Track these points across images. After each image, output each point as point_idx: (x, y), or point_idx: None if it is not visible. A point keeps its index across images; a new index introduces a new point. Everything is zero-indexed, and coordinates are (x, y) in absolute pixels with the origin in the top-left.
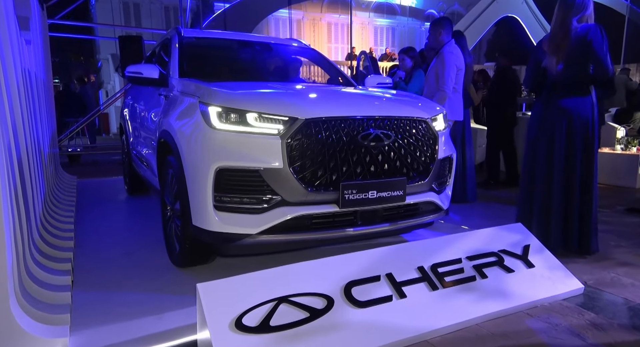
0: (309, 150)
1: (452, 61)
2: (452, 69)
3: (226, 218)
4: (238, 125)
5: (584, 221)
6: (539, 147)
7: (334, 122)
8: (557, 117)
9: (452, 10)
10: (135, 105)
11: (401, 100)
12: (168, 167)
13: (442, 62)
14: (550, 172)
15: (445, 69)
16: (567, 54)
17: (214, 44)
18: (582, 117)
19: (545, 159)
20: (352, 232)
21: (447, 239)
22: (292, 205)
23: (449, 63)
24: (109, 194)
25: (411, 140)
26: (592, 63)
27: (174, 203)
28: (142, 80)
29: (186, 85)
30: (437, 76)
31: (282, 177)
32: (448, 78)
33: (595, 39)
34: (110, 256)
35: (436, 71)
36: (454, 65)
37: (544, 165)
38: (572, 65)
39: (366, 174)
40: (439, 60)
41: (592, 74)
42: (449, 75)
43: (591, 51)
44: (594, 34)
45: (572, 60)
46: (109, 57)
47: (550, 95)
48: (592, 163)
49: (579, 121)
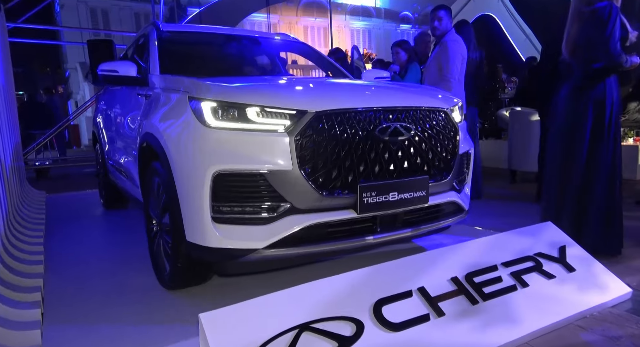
0: (322, 148)
1: (457, 50)
2: (458, 58)
3: (227, 231)
4: (237, 122)
5: (610, 217)
6: (559, 137)
7: (348, 115)
8: (573, 105)
9: (426, 12)
10: (109, 110)
11: (415, 89)
12: (153, 175)
13: (446, 51)
14: (569, 164)
15: (450, 58)
16: (576, 38)
17: (197, 39)
18: (597, 104)
19: (564, 150)
20: (372, 240)
21: (476, 244)
22: (304, 212)
23: (454, 52)
24: (83, 209)
25: (432, 133)
26: (597, 47)
27: (161, 216)
28: (118, 80)
29: (170, 80)
30: (440, 66)
31: (292, 180)
32: (453, 67)
33: (600, 20)
34: (87, 280)
35: (439, 61)
36: (459, 54)
37: (562, 157)
38: (580, 50)
39: (385, 173)
40: (441, 50)
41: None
42: (454, 64)
43: (599, 32)
44: (600, 13)
45: (580, 44)
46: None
47: (565, 82)
48: (614, 153)
49: (594, 109)
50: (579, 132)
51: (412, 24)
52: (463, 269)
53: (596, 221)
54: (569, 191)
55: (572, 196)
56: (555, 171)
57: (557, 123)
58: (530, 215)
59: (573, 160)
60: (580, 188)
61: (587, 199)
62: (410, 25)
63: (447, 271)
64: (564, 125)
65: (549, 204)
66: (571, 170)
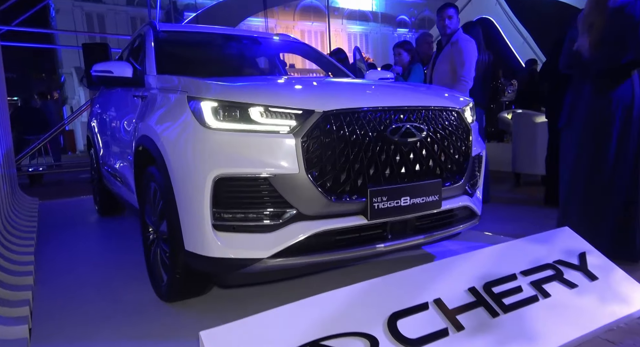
0: (330, 150)
1: (472, 50)
2: (473, 58)
3: (229, 240)
4: (239, 123)
5: (632, 221)
6: (581, 139)
7: (358, 115)
8: (592, 104)
9: (423, 16)
10: (104, 114)
11: (425, 89)
12: (149, 180)
13: (460, 50)
14: (594, 166)
15: (465, 58)
16: (602, 34)
17: (195, 39)
18: (622, 103)
19: (588, 152)
20: (382, 248)
21: (491, 252)
22: (310, 219)
23: (470, 52)
24: (77, 216)
25: (444, 134)
26: (630, 43)
27: (158, 224)
28: (113, 81)
29: (168, 80)
30: (454, 66)
31: (298, 184)
32: (471, 67)
33: (630, 16)
34: (80, 292)
35: (452, 61)
36: (474, 54)
37: (587, 159)
38: (607, 46)
39: (396, 177)
40: (454, 49)
41: (632, 56)
42: (471, 64)
43: (629, 28)
44: (631, 10)
45: (607, 40)
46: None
47: (583, 79)
48: (637, 154)
49: (618, 108)
50: (605, 133)
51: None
52: (480, 279)
53: (617, 226)
54: (592, 194)
55: (596, 200)
56: (577, 174)
57: (578, 125)
58: (539, 219)
59: (599, 163)
60: (605, 191)
61: (610, 202)
62: (407, 29)
63: (463, 280)
64: (587, 126)
65: (568, 208)
66: (596, 173)
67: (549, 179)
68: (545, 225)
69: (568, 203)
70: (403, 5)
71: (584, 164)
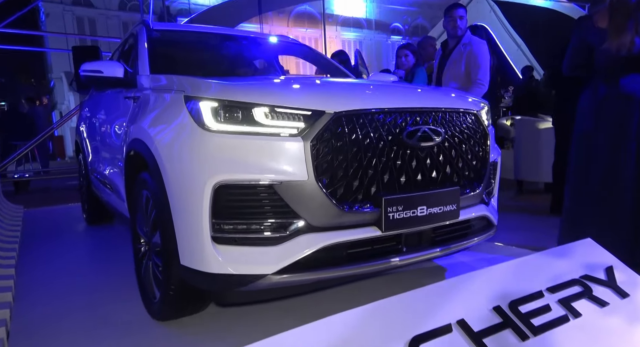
0: (342, 155)
1: (487, 52)
2: (489, 59)
3: (229, 254)
4: (242, 125)
5: None
6: (597, 143)
7: (372, 117)
8: (624, 107)
9: (417, 24)
10: (93, 117)
11: (439, 90)
12: (141, 187)
13: (475, 52)
14: (614, 171)
15: (483, 59)
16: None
17: (190, 39)
18: None
19: (609, 156)
20: (397, 262)
21: (512, 266)
22: (320, 231)
23: (485, 54)
24: (64, 225)
25: (462, 138)
26: None
27: (151, 235)
28: (103, 81)
29: (162, 79)
30: (468, 69)
31: (307, 193)
32: (487, 70)
33: None
34: (64, 310)
35: (467, 63)
36: (488, 55)
37: (605, 163)
38: None
39: (412, 184)
40: (468, 51)
41: None
42: (487, 66)
43: None
44: None
45: None
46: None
47: (611, 80)
48: None
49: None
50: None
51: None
52: (505, 296)
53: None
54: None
55: (616, 207)
56: (593, 180)
57: (591, 125)
58: (548, 228)
59: (619, 167)
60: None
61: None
62: (400, 36)
63: (487, 298)
64: (610, 131)
65: (586, 218)
66: (615, 178)
67: (556, 186)
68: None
69: (578, 210)
70: (396, 13)
71: (602, 168)
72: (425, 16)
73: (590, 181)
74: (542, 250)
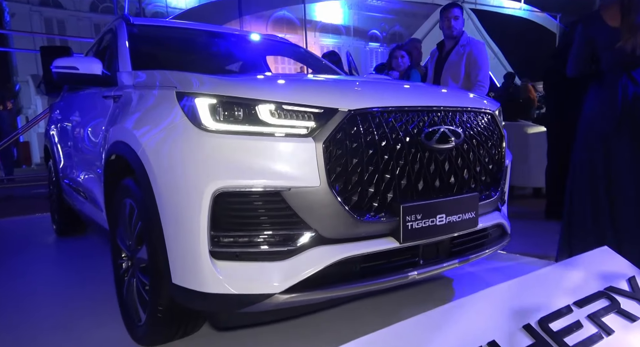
0: (356, 158)
1: (486, 52)
2: (488, 60)
3: (230, 271)
4: (244, 124)
5: None
6: (617, 148)
7: (388, 116)
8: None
9: (394, 31)
10: (66, 119)
11: (453, 88)
12: (124, 195)
13: (475, 53)
14: (630, 178)
15: (483, 60)
16: None
17: (173, 35)
18: None
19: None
20: (415, 275)
21: (533, 279)
22: (332, 243)
23: (485, 54)
24: (32, 237)
25: (480, 139)
26: None
27: (135, 250)
28: (78, 79)
29: (148, 75)
30: (468, 70)
31: (319, 201)
32: (487, 71)
33: None
34: (36, 330)
35: (467, 64)
36: (487, 56)
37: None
38: None
39: (430, 190)
40: (467, 52)
41: None
42: (488, 67)
43: None
44: None
45: None
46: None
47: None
48: None
49: None
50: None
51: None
52: (532, 313)
53: None
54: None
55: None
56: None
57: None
58: (547, 233)
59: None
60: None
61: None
62: (378, 43)
63: (514, 315)
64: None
65: (602, 224)
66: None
67: (550, 191)
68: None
69: (586, 215)
70: (374, 20)
71: (615, 172)
72: (402, 24)
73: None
74: (545, 257)
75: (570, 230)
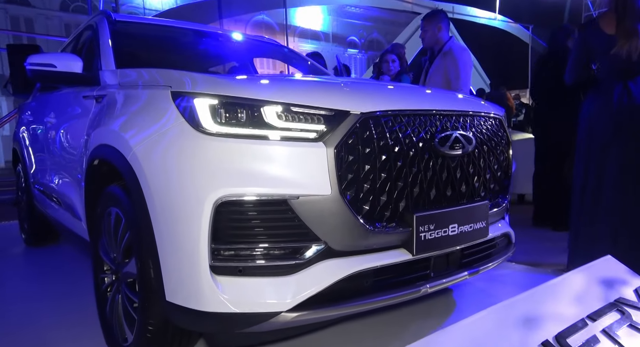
0: (369, 165)
1: (468, 59)
2: (470, 67)
3: (233, 288)
4: (248, 127)
5: None
6: (614, 155)
7: (401, 120)
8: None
9: (372, 38)
10: (38, 121)
11: (454, 93)
12: (109, 203)
13: (455, 60)
14: (627, 185)
15: (462, 67)
16: None
17: (158, 33)
18: None
19: (624, 169)
20: (427, 289)
21: (542, 292)
22: (342, 255)
23: (466, 61)
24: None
25: (490, 145)
26: None
27: (121, 264)
28: (56, 77)
29: (137, 74)
30: (448, 78)
31: (330, 210)
32: (467, 78)
33: None
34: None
35: (445, 72)
36: (470, 63)
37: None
38: None
39: (441, 198)
40: (448, 59)
41: None
42: (468, 74)
43: None
44: None
45: None
46: None
47: (624, 89)
48: None
49: None
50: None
51: (358, 48)
52: (548, 328)
53: None
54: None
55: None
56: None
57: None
58: (533, 240)
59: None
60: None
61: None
62: (357, 50)
63: (530, 332)
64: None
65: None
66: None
67: (538, 198)
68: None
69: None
70: (353, 27)
71: (621, 179)
72: (379, 31)
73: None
74: (537, 264)
75: (578, 239)
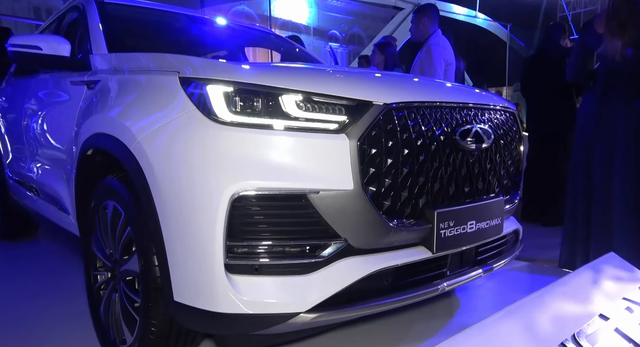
0: (392, 158)
1: (440, 54)
2: (441, 63)
3: (249, 287)
4: (266, 117)
5: None
6: (597, 152)
7: (424, 112)
8: (622, 116)
9: (353, 32)
10: (16, 108)
11: (472, 86)
12: (105, 197)
13: (429, 55)
14: (610, 183)
15: (433, 63)
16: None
17: (148, 17)
18: None
19: (605, 166)
20: (445, 287)
21: (552, 292)
22: (362, 253)
23: (437, 56)
24: None
25: (506, 140)
26: None
27: (119, 260)
28: (42, 60)
29: (136, 59)
30: (423, 73)
31: (351, 206)
32: (436, 74)
33: None
34: None
35: (421, 66)
36: (441, 58)
37: (602, 174)
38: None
39: (460, 194)
40: (424, 54)
41: None
42: (437, 70)
43: None
44: None
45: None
46: None
47: (609, 87)
48: None
49: None
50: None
51: (339, 42)
52: (564, 329)
53: None
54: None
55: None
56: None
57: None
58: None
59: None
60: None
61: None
62: (338, 44)
63: (548, 332)
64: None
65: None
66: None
67: (527, 193)
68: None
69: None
70: (334, 21)
71: (617, 177)
72: (360, 26)
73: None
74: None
75: (572, 235)
